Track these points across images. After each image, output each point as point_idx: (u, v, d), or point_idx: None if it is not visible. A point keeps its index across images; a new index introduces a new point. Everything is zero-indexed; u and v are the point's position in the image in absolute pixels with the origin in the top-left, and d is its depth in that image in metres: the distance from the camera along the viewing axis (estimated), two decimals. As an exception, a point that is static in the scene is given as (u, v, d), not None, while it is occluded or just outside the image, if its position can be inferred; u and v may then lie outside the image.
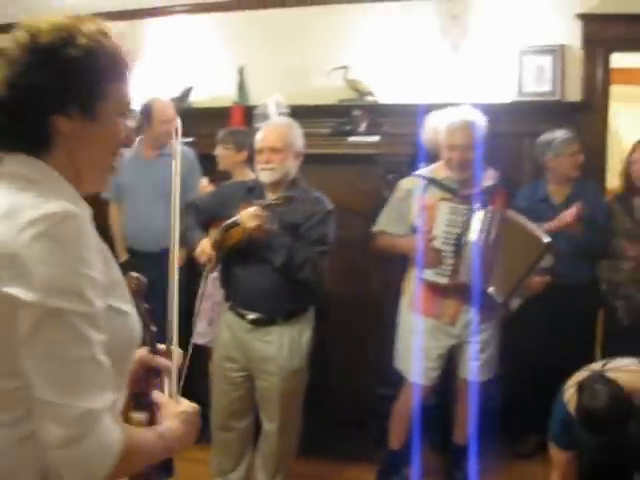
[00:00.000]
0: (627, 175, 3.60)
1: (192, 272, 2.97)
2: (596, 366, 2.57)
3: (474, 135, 3.09)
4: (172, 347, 1.32)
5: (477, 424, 3.15)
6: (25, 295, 0.99)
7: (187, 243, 2.94)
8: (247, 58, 4.08)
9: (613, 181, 3.88)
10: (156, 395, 1.28)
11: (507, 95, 3.85)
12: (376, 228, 3.26)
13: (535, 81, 3.81)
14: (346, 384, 3.63)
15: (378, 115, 3.81)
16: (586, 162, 3.63)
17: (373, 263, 3.64)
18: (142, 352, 1.32)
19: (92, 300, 1.03)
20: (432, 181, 3.14)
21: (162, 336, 1.34)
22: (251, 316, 2.84)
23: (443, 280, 3.05)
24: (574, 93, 3.82)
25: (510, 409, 3.50)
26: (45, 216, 1.02)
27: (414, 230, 3.15)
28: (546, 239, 3.00)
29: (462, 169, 3.10)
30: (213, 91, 4.19)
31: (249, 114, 3.91)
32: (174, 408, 1.25)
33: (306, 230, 2.79)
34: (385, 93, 3.91)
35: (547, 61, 3.79)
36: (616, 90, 4.26)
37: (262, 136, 2.89)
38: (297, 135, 2.92)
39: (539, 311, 3.53)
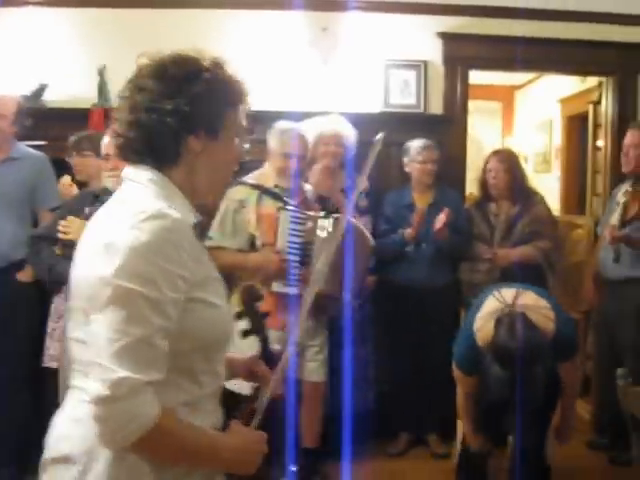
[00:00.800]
0: (484, 183, 3.86)
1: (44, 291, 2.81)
2: (508, 297, 2.64)
3: (307, 145, 3.19)
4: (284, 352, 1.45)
5: (350, 427, 3.18)
6: (105, 273, 1.18)
7: (41, 275, 2.78)
8: (109, 57, 3.89)
9: (475, 189, 4.13)
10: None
11: (374, 106, 4.00)
12: (211, 243, 2.98)
13: (400, 94, 3.99)
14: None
15: (249, 121, 3.77)
16: (448, 171, 3.88)
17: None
18: (252, 355, 1.52)
19: (162, 289, 1.18)
20: (264, 190, 3.06)
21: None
22: None
23: (293, 291, 3.00)
24: (437, 106, 4.05)
25: (380, 410, 3.60)
26: (140, 212, 1.21)
27: (252, 242, 3.10)
28: (372, 241, 3.23)
29: (294, 177, 3.14)
30: (71, 91, 3.94)
31: (110, 117, 3.71)
32: (239, 427, 1.36)
33: None
34: (256, 100, 3.88)
35: (411, 75, 4.00)
36: (478, 105, 4.55)
37: (107, 141, 2.74)
38: None
39: (407, 313, 3.69)
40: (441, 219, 3.56)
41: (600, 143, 4.66)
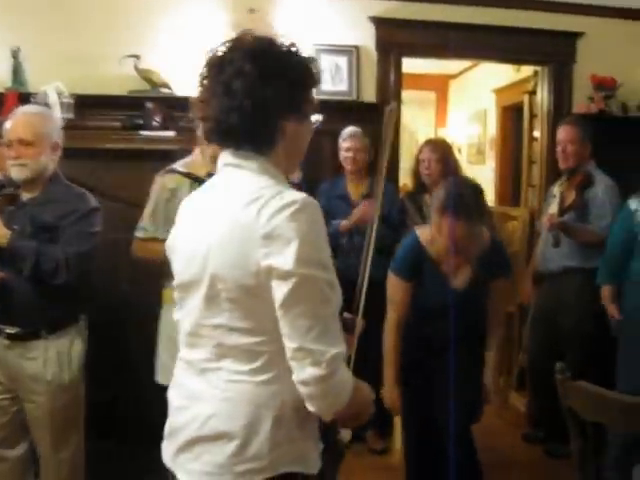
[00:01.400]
0: (417, 174, 3.79)
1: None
2: None
3: None
4: (357, 317, 1.63)
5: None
6: (283, 265, 1.28)
7: None
8: (24, 39, 3.62)
9: (408, 179, 4.05)
10: None
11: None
12: (144, 235, 2.77)
13: (331, 80, 3.85)
14: (135, 396, 3.32)
15: (173, 108, 3.58)
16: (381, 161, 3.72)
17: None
18: None
19: (331, 269, 1.33)
20: (196, 178, 2.82)
21: None
22: (9, 330, 2.50)
23: None
24: (370, 94, 3.93)
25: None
26: (294, 201, 1.30)
27: None
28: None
29: None
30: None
31: (26, 102, 3.47)
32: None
33: (61, 230, 2.50)
34: (182, 86, 3.68)
35: (343, 61, 3.86)
36: (412, 94, 4.46)
37: (10, 127, 2.51)
38: (53, 125, 2.59)
39: (343, 307, 3.56)
40: (362, 208, 3.49)
41: (537, 134, 4.64)
